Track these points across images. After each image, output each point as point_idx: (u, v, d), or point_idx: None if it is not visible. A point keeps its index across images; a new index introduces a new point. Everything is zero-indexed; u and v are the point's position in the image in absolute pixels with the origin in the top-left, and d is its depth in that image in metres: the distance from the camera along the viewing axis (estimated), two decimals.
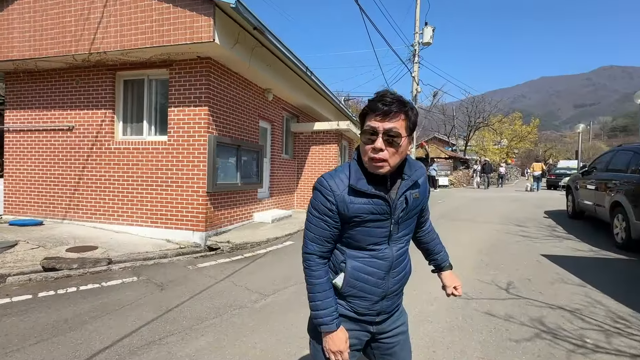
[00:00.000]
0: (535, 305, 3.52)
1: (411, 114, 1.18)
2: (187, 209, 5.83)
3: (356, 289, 1.28)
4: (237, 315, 3.24)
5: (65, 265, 4.35)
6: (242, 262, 5.00)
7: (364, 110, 1.20)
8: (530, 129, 33.49)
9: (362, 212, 1.21)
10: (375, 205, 1.21)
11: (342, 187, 1.21)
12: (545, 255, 5.39)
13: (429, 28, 17.89)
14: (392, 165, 1.18)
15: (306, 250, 1.30)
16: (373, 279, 1.29)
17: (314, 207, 1.27)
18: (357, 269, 1.28)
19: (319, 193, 1.24)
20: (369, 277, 1.28)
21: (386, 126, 1.13)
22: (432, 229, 1.60)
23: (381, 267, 1.29)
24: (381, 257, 1.29)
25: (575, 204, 8.32)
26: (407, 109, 1.16)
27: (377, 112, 1.13)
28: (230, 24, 5.34)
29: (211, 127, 5.85)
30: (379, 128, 1.13)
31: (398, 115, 1.14)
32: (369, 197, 1.20)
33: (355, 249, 1.28)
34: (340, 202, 1.21)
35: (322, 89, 9.20)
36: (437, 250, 1.59)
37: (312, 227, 1.27)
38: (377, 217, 1.22)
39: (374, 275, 1.29)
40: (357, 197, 1.21)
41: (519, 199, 14.25)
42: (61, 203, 6.59)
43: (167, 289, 3.87)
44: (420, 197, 1.34)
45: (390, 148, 1.14)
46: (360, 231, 1.24)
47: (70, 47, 5.73)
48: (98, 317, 3.13)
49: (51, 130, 6.63)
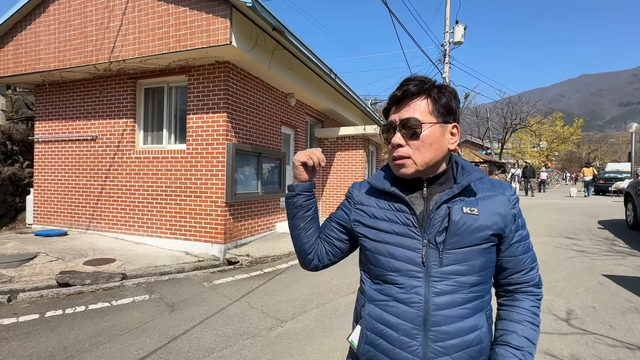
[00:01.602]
0: (608, 344, 2.88)
1: (437, 94, 0.90)
2: (205, 220, 5.58)
3: (376, 348, 0.91)
4: (248, 346, 2.85)
5: (78, 280, 4.17)
6: (261, 278, 4.64)
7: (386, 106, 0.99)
8: (573, 129, 31.26)
9: (379, 218, 0.94)
10: (398, 212, 0.93)
11: (362, 189, 1.05)
12: (608, 275, 4.63)
13: (460, 27, 17.09)
14: (419, 163, 0.90)
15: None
16: (396, 334, 0.88)
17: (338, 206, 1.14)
18: (375, 317, 0.92)
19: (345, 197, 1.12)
20: (390, 331, 0.89)
21: (402, 116, 0.90)
22: (523, 299, 0.95)
23: (407, 316, 0.88)
24: (407, 300, 0.88)
25: (637, 214, 7.33)
26: (428, 88, 0.90)
27: (390, 101, 0.95)
28: (248, 25, 5.06)
29: (230, 134, 5.58)
30: (395, 120, 0.92)
31: (416, 99, 0.90)
32: (390, 200, 0.95)
33: (377, 283, 0.95)
34: (358, 204, 1.02)
35: (348, 92, 8.79)
36: (504, 335, 0.92)
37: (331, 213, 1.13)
38: (399, 228, 0.91)
39: (397, 329, 0.88)
40: (376, 198, 0.99)
41: (566, 206, 13.05)
42: (85, 213, 6.57)
43: (177, 310, 3.57)
44: (485, 219, 0.89)
45: (413, 141, 0.89)
46: (378, 249, 0.93)
47: (91, 56, 5.69)
48: (100, 344, 2.85)
49: (76, 141, 6.65)
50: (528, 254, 0.96)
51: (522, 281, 0.96)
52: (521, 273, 0.96)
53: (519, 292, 0.97)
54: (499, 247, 0.94)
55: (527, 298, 0.96)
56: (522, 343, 0.89)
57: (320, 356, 2.69)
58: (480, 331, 0.89)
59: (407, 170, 0.90)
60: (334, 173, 9.84)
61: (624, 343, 2.90)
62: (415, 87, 0.89)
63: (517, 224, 0.94)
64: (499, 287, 0.99)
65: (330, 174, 9.86)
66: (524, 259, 0.95)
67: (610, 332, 3.08)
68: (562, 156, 43.81)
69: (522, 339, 0.90)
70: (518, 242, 0.94)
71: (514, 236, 0.93)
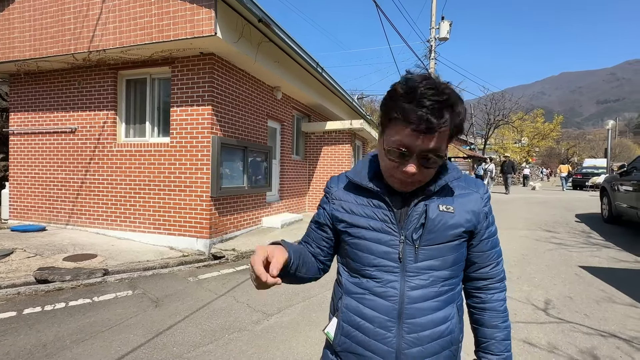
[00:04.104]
0: (583, 332, 3.00)
1: (457, 118, 0.81)
2: (190, 214, 5.51)
3: (352, 339, 0.93)
4: (234, 340, 2.84)
5: (58, 277, 4.06)
6: (247, 273, 4.62)
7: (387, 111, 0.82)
8: (553, 126, 32.13)
9: (357, 214, 0.93)
10: (375, 209, 0.92)
11: (341, 184, 1.02)
12: (584, 267, 4.81)
13: (445, 23, 17.23)
14: (422, 182, 0.88)
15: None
16: (372, 326, 0.90)
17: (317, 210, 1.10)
18: (352, 309, 0.94)
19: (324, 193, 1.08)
20: (366, 323, 0.91)
21: (424, 146, 0.79)
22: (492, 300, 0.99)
23: (383, 309, 0.90)
24: (383, 293, 0.90)
25: (611, 207, 7.61)
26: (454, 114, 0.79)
27: (411, 123, 0.76)
28: (234, 17, 4.97)
29: (215, 127, 5.50)
30: (413, 148, 0.79)
31: (443, 125, 0.77)
32: (369, 197, 0.94)
33: (354, 276, 0.96)
34: (335, 199, 1.00)
35: (334, 86, 8.76)
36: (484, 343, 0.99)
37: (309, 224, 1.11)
38: (377, 224, 0.91)
39: (373, 322, 0.90)
40: (354, 193, 0.97)
41: (545, 200, 13.45)
42: (64, 208, 6.38)
43: (162, 306, 3.52)
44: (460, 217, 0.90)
45: (427, 169, 0.84)
46: (356, 245, 0.94)
47: (69, 45, 5.49)
48: (81, 341, 2.79)
49: (54, 133, 6.43)
50: (495, 249, 1.00)
51: (490, 276, 0.99)
52: (489, 267, 0.99)
53: (486, 290, 1.00)
54: (470, 242, 0.97)
55: (496, 299, 0.99)
56: (504, 348, 0.97)
57: (307, 349, 2.71)
58: (451, 322, 0.92)
59: (411, 188, 0.88)
60: (320, 167, 9.84)
61: (598, 331, 3.02)
62: (444, 115, 0.77)
63: (488, 221, 0.98)
64: (468, 281, 1.02)
65: (317, 168, 9.86)
66: (491, 254, 0.99)
67: (585, 321, 3.21)
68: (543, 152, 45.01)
69: (501, 344, 0.97)
70: (487, 238, 0.98)
71: (484, 232, 0.97)
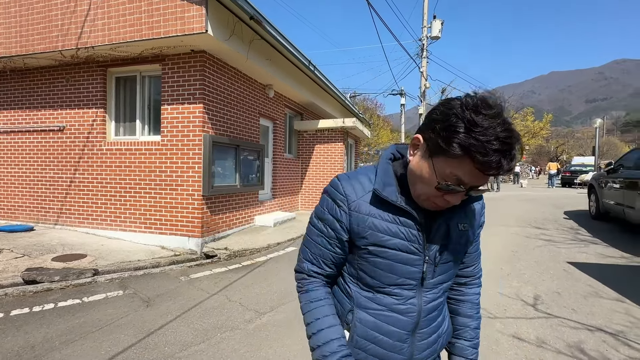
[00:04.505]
0: (570, 327, 3.05)
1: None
2: (182, 213, 5.46)
3: (367, 352, 0.93)
4: (226, 339, 2.84)
5: (46, 277, 4.00)
6: (239, 271, 4.61)
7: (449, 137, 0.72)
8: (542, 124, 32.55)
9: (381, 232, 0.87)
10: (402, 227, 0.87)
11: (361, 193, 0.90)
12: (572, 262, 4.90)
13: (437, 21, 17.32)
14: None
15: (297, 267, 1.00)
16: (390, 341, 0.92)
17: (318, 215, 0.95)
18: (369, 325, 0.93)
19: (328, 197, 0.93)
20: (385, 338, 0.92)
21: (483, 184, 0.78)
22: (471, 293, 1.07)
23: (402, 325, 0.92)
24: (404, 310, 0.91)
25: (599, 204, 7.76)
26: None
27: (483, 165, 0.71)
28: (225, 14, 4.93)
29: (207, 125, 5.46)
30: (470, 184, 0.77)
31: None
32: (396, 214, 0.87)
33: (368, 290, 0.93)
34: (354, 211, 0.89)
35: (327, 84, 8.76)
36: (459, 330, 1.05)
37: (310, 243, 0.97)
38: (403, 245, 0.87)
39: (392, 337, 0.92)
40: (379, 208, 0.88)
41: (535, 198, 13.65)
42: (53, 207, 6.28)
43: (153, 306, 3.49)
44: (470, 232, 0.96)
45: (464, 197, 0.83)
46: (376, 263, 0.89)
47: (57, 42, 5.39)
48: (70, 342, 2.75)
49: (42, 131, 6.31)
50: (479, 250, 1.07)
51: (472, 274, 1.07)
52: (472, 267, 1.07)
53: (467, 285, 1.08)
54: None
55: (473, 292, 1.07)
56: (475, 335, 1.06)
57: (300, 347, 2.71)
58: (446, 320, 1.03)
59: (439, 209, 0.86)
60: (313, 166, 9.84)
61: (585, 325, 3.08)
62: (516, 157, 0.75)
63: (482, 228, 1.03)
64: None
65: (310, 166, 9.85)
66: (477, 255, 1.07)
67: (573, 316, 3.27)
68: (533, 150, 45.60)
69: (473, 331, 1.05)
70: (477, 241, 1.05)
71: (477, 239, 1.03)
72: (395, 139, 30.12)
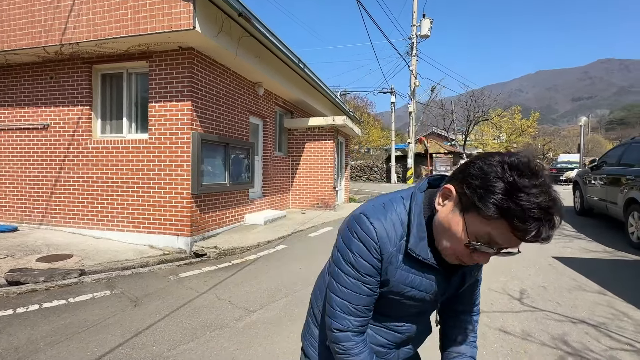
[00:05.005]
0: (555, 319, 3.13)
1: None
2: (170, 212, 5.41)
3: None
4: (216, 337, 2.83)
5: (31, 278, 3.92)
6: (229, 270, 4.58)
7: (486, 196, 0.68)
8: (530, 122, 33.11)
9: (405, 284, 0.86)
10: (425, 279, 0.87)
11: (395, 240, 0.83)
12: (557, 257, 5.01)
13: (426, 20, 17.43)
14: None
15: (338, 326, 0.89)
16: (383, 350, 1.03)
17: (349, 262, 0.84)
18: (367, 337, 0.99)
19: (358, 241, 0.83)
20: (380, 348, 1.02)
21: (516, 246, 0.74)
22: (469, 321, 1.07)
23: (396, 340, 1.03)
24: (401, 331, 1.02)
25: (583, 201, 7.94)
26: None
27: (521, 232, 0.67)
28: (213, 10, 4.88)
29: (195, 123, 5.41)
30: (504, 246, 0.73)
31: None
32: (420, 267, 0.85)
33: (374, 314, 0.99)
34: (387, 262, 0.84)
35: (317, 82, 8.75)
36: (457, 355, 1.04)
37: (347, 294, 0.86)
38: (421, 294, 0.89)
39: (385, 347, 1.03)
40: (409, 263, 0.85)
41: None
42: (37, 207, 6.15)
43: (141, 305, 3.46)
44: (479, 271, 1.02)
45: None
46: (389, 301, 0.92)
47: (40, 38, 5.27)
48: (55, 343, 2.71)
49: (25, 129, 6.17)
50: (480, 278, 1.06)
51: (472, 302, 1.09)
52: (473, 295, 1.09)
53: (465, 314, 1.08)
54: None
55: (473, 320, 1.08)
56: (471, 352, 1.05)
57: (289, 343, 2.72)
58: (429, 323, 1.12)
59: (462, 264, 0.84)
60: (303, 164, 9.83)
61: (569, 318, 3.16)
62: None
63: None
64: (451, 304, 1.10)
65: (300, 164, 9.84)
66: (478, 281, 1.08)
67: (558, 309, 3.34)
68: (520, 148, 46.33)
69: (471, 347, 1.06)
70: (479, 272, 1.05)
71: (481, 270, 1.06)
72: (386, 136, 30.28)
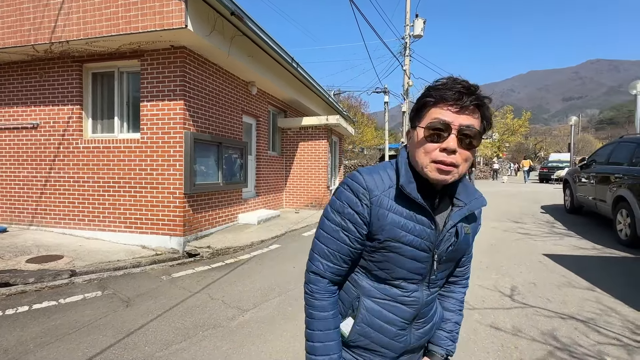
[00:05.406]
0: (545, 315, 3.17)
1: (487, 113, 0.89)
2: (163, 212, 5.37)
3: (370, 339, 0.98)
4: (209, 337, 2.82)
5: (20, 279, 3.87)
6: (222, 269, 4.57)
7: (424, 98, 0.88)
8: (521, 122, 33.48)
9: (400, 228, 0.90)
10: (418, 225, 0.91)
11: (383, 187, 0.91)
12: (548, 254, 5.07)
13: (419, 20, 17.52)
14: (460, 174, 0.88)
15: (312, 268, 0.97)
16: (393, 329, 0.98)
17: (336, 209, 0.93)
18: (374, 313, 0.97)
19: (348, 190, 0.92)
20: (388, 326, 0.97)
21: (463, 122, 0.83)
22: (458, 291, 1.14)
23: (405, 315, 0.98)
24: (408, 302, 0.97)
25: (573, 199, 8.05)
26: (485, 103, 0.87)
27: (449, 102, 0.84)
28: (205, 9, 4.86)
29: (188, 123, 5.38)
30: (452, 122, 0.83)
31: (476, 111, 0.86)
32: (414, 211, 0.90)
33: (375, 281, 0.97)
34: (376, 206, 0.89)
35: (310, 81, 8.76)
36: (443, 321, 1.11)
37: (326, 238, 0.94)
38: (417, 241, 0.91)
39: (395, 325, 0.98)
40: (399, 204, 0.90)
41: (514, 193, 14.04)
42: (27, 208, 6.07)
43: (133, 306, 3.43)
44: (472, 235, 1.02)
45: (464, 151, 0.85)
46: (389, 257, 0.92)
47: (29, 36, 5.20)
48: (45, 345, 2.68)
49: (14, 129, 6.08)
50: (471, 253, 1.12)
51: (463, 274, 1.13)
52: (464, 267, 1.13)
53: (456, 284, 1.14)
54: None
55: (460, 291, 1.14)
56: (454, 328, 1.11)
57: (282, 342, 2.72)
58: (438, 309, 1.09)
59: (449, 178, 0.86)
60: (297, 163, 9.83)
61: (558, 314, 3.20)
62: (477, 99, 0.84)
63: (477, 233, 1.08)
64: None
65: (294, 164, 9.84)
66: (469, 257, 1.12)
67: (548, 305, 3.39)
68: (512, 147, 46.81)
69: (454, 325, 1.11)
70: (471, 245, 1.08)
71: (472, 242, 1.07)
72: (380, 136, 30.37)
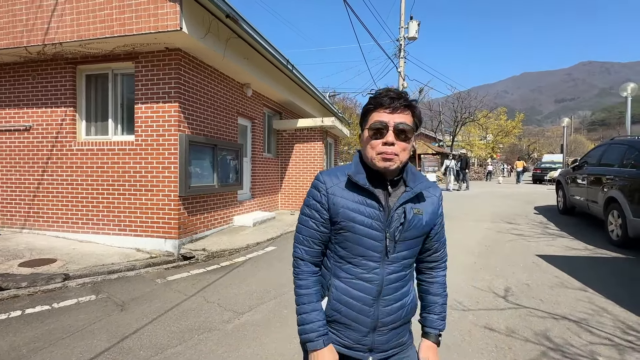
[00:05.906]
0: (538, 316, 3.21)
1: (416, 111, 1.13)
2: (158, 214, 5.35)
3: (340, 313, 1.16)
4: (204, 340, 2.81)
5: (12, 283, 3.83)
6: (218, 272, 4.56)
7: (368, 106, 1.13)
8: (515, 123, 33.77)
9: (351, 210, 1.10)
10: (368, 208, 1.11)
11: (336, 181, 1.15)
12: (541, 255, 5.13)
13: (414, 22, 17.63)
14: (402, 161, 1.10)
15: (294, 253, 1.20)
16: (358, 304, 1.14)
17: (305, 203, 1.19)
18: (341, 290, 1.15)
19: (312, 187, 1.18)
20: (354, 301, 1.14)
21: (396, 120, 1.07)
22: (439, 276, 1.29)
23: (367, 291, 1.13)
24: (368, 279, 1.13)
25: (566, 200, 8.14)
26: (413, 105, 1.11)
27: (385, 106, 1.08)
28: (200, 11, 4.86)
29: (183, 125, 5.36)
30: (389, 122, 1.07)
31: (406, 110, 1.09)
32: (363, 195, 1.11)
33: (342, 262, 1.15)
34: (331, 194, 1.13)
35: (305, 83, 8.77)
36: (429, 307, 1.28)
37: (301, 228, 1.19)
38: (368, 221, 1.10)
39: (359, 300, 1.14)
40: (350, 191, 1.13)
41: (508, 195, 14.15)
42: (19, 211, 6.00)
43: (127, 309, 3.41)
44: (426, 217, 1.16)
45: (401, 142, 1.08)
46: (348, 237, 1.12)
47: (21, 38, 5.15)
48: (38, 350, 2.66)
49: (6, 131, 6.02)
50: (444, 238, 1.29)
51: (439, 259, 1.28)
52: (439, 252, 1.28)
53: (435, 269, 1.29)
54: (429, 234, 1.23)
55: (441, 274, 1.29)
56: (442, 309, 1.27)
57: (277, 345, 2.73)
58: (412, 294, 1.22)
59: (393, 165, 1.07)
60: (293, 165, 9.83)
61: (551, 314, 3.24)
62: (406, 102, 1.08)
63: (441, 218, 1.26)
64: (423, 262, 1.29)
65: (289, 165, 9.84)
66: (442, 242, 1.28)
67: (541, 305, 3.43)
68: (506, 148, 47.23)
69: (441, 307, 1.27)
70: (441, 229, 1.26)
71: (439, 227, 1.24)
72: None
